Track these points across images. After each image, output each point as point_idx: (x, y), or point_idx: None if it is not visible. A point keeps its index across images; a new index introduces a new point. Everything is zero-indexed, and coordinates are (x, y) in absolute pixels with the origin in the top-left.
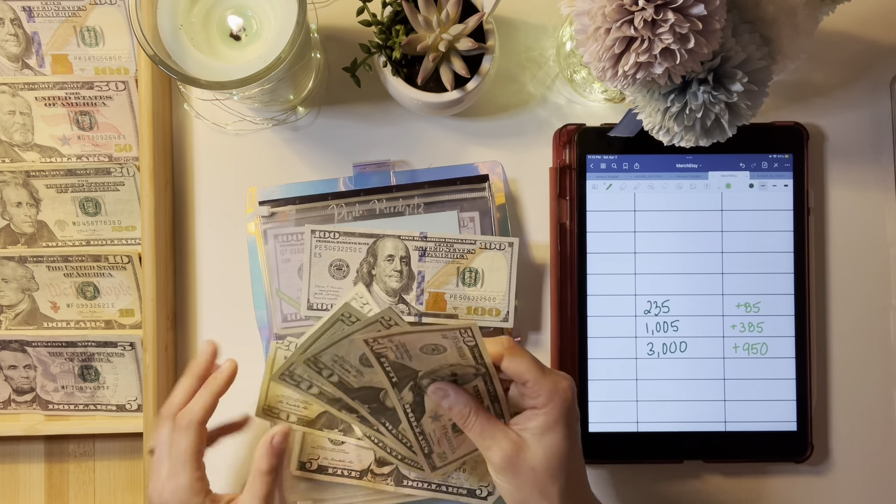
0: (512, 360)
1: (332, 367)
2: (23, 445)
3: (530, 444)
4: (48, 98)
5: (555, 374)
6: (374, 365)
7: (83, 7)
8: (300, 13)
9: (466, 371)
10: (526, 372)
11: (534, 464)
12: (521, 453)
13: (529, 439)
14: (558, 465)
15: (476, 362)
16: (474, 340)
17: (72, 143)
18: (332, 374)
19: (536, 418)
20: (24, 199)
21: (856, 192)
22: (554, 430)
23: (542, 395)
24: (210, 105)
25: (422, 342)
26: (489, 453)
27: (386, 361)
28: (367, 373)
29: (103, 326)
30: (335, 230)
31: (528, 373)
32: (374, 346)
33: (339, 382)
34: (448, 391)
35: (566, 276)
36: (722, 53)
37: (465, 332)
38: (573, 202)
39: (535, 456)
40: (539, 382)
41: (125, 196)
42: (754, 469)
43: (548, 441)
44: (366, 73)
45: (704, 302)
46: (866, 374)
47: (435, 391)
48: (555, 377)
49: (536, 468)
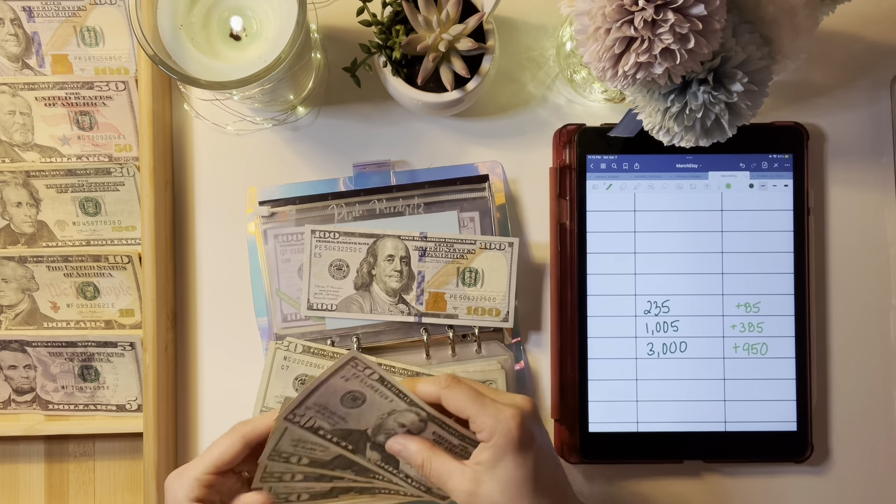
0: (449, 397)
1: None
2: (23, 445)
3: (485, 479)
4: (48, 98)
5: (496, 404)
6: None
7: (83, 7)
8: (300, 13)
9: (410, 418)
10: (466, 407)
11: (493, 498)
12: (479, 489)
13: (483, 473)
14: (518, 492)
15: (407, 404)
16: (376, 373)
17: (72, 143)
18: (300, 457)
19: (486, 451)
20: (24, 199)
21: (856, 192)
22: (504, 461)
23: (486, 428)
24: (210, 105)
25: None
26: (453, 495)
27: (325, 432)
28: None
29: (103, 326)
30: (335, 230)
31: (468, 408)
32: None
33: (310, 462)
34: (403, 443)
35: (566, 276)
36: (722, 53)
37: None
38: (573, 202)
39: (492, 490)
40: (480, 416)
41: (125, 196)
42: (754, 469)
43: (500, 472)
44: (366, 73)
45: (704, 302)
46: (866, 374)
47: (390, 447)
48: (495, 408)
49: (497, 501)
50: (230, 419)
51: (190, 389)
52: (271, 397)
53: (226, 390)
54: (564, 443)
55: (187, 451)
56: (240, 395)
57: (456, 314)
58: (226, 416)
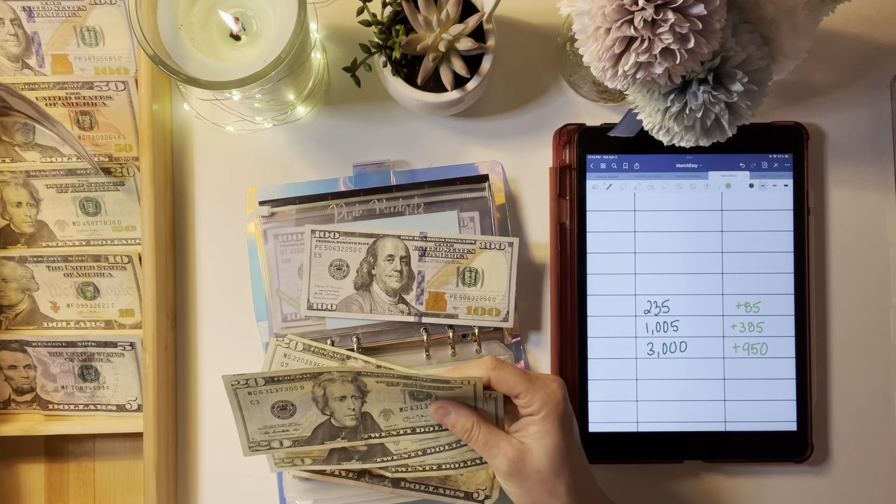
0: (498, 378)
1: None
2: (23, 445)
3: (533, 449)
4: (48, 98)
5: (543, 380)
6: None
7: (83, 7)
8: (300, 13)
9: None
10: (515, 386)
11: (539, 466)
12: (526, 458)
13: (531, 444)
14: (561, 464)
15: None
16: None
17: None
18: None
19: (534, 424)
20: (24, 199)
21: (856, 192)
22: (552, 433)
23: (535, 402)
24: (210, 105)
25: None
26: (496, 461)
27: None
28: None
29: (103, 326)
30: (335, 230)
31: (518, 386)
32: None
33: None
34: (448, 409)
35: (566, 276)
36: (722, 53)
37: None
38: (573, 202)
39: (539, 459)
40: (530, 392)
41: (125, 196)
42: (754, 469)
43: (548, 443)
44: (366, 73)
45: (704, 302)
46: (866, 374)
47: (436, 410)
48: (544, 382)
49: (542, 470)
50: (230, 419)
51: (190, 389)
52: None
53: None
54: None
55: (187, 451)
56: None
57: (456, 314)
58: (226, 416)
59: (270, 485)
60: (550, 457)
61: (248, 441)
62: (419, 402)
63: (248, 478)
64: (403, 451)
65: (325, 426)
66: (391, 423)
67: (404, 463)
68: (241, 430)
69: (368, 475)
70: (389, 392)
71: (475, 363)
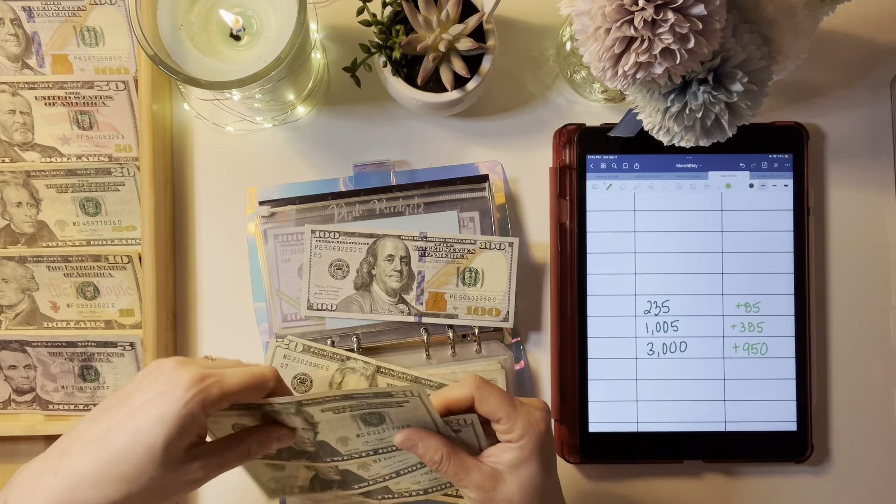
0: (481, 398)
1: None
2: (23, 445)
3: (506, 478)
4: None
5: (527, 407)
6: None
7: (83, 7)
8: (300, 13)
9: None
10: (497, 410)
11: (510, 496)
12: (498, 486)
13: (504, 472)
14: (533, 495)
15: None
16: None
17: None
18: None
19: (511, 452)
20: (24, 199)
21: (856, 192)
22: (529, 463)
23: (516, 430)
24: (210, 105)
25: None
26: (466, 490)
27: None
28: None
29: (103, 326)
30: (335, 230)
31: (500, 410)
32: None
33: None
34: (416, 440)
35: (566, 276)
36: (722, 53)
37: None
38: (573, 202)
39: (511, 489)
40: (511, 418)
41: (125, 196)
42: (754, 469)
43: (523, 473)
44: (366, 73)
45: (704, 302)
46: (866, 374)
47: (403, 442)
48: (527, 410)
49: (512, 500)
50: None
51: None
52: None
53: None
54: (564, 443)
55: None
56: None
57: (456, 314)
58: None
59: None
60: (523, 487)
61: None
62: (374, 426)
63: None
64: (377, 475)
65: (287, 449)
66: (351, 448)
67: (384, 486)
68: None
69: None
70: (340, 420)
71: (460, 382)
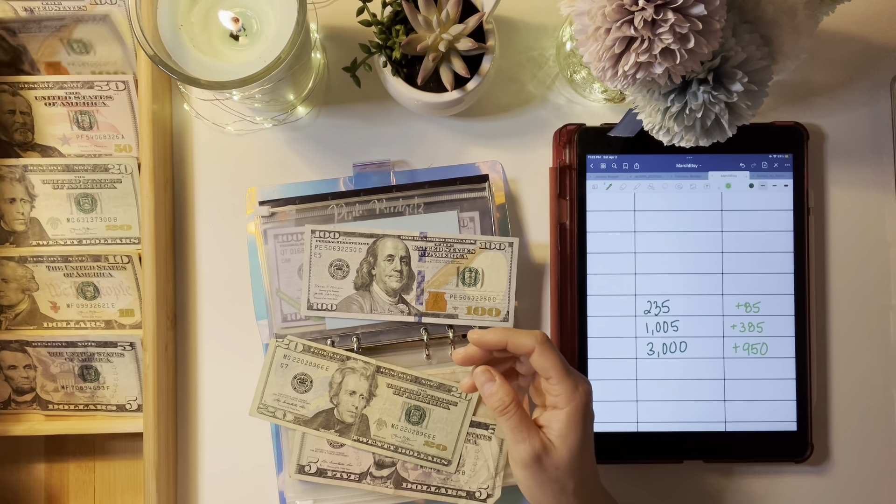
0: (541, 356)
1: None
2: (23, 445)
3: (556, 446)
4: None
5: (577, 376)
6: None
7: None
8: (300, 13)
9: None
10: (551, 369)
11: (559, 463)
12: (549, 453)
13: (555, 440)
14: (577, 463)
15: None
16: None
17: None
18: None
19: (559, 420)
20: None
21: (856, 192)
22: (574, 432)
23: (563, 394)
24: (210, 105)
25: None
26: (519, 447)
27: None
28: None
29: (103, 326)
30: (335, 230)
31: (553, 370)
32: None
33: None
34: (495, 377)
35: (566, 276)
36: (722, 53)
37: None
38: (573, 202)
39: (561, 456)
40: (562, 382)
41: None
42: (754, 469)
43: (570, 442)
44: (366, 73)
45: (704, 302)
46: (866, 374)
47: (482, 372)
48: (577, 379)
49: (560, 467)
50: (230, 419)
51: (190, 389)
52: (269, 395)
53: (226, 390)
54: None
55: (187, 451)
56: (240, 394)
57: (456, 314)
58: (226, 416)
59: (270, 484)
60: (571, 455)
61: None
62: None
63: (248, 477)
64: (380, 439)
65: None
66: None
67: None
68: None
69: (370, 477)
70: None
71: (527, 331)
